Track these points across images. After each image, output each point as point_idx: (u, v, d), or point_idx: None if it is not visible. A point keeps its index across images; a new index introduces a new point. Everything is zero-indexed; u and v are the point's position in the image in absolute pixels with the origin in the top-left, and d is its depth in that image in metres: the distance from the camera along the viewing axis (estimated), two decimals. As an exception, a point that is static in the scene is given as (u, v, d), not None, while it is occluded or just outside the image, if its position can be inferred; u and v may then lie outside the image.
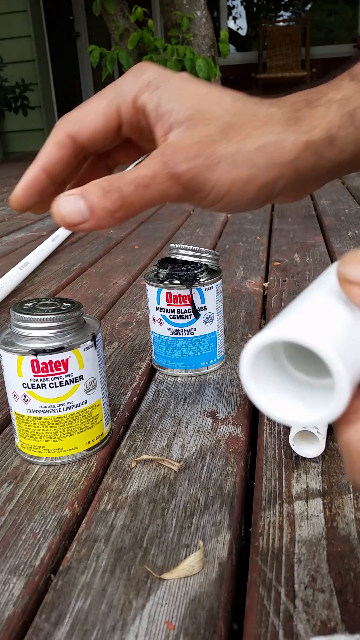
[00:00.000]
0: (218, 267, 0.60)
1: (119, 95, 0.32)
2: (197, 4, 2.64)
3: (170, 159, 0.30)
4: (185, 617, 0.30)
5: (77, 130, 0.32)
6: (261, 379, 0.21)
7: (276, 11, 5.40)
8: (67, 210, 0.30)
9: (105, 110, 0.32)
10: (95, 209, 0.30)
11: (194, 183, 0.30)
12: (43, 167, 0.33)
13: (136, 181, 0.30)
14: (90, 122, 0.32)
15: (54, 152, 0.33)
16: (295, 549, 0.35)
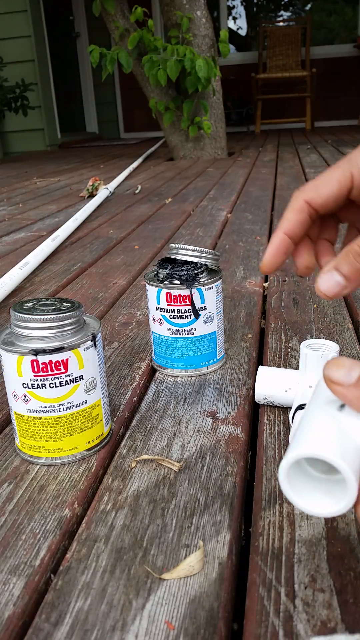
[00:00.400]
0: (218, 267, 0.60)
1: (353, 165, 0.37)
2: (197, 4, 2.64)
3: None
4: (185, 617, 0.30)
5: (312, 197, 0.38)
6: (294, 485, 0.27)
7: (276, 11, 5.40)
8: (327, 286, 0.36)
9: (339, 177, 0.37)
10: (350, 275, 0.36)
11: None
12: (287, 232, 0.39)
13: None
14: (327, 187, 0.37)
15: (293, 217, 0.38)
16: (295, 549, 0.35)
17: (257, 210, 1.48)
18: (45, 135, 4.69)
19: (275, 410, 0.51)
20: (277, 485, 0.41)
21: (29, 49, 4.43)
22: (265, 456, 0.44)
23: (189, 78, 2.54)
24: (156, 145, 3.81)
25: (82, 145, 4.93)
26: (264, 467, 0.43)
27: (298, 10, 5.28)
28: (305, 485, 0.28)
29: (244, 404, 0.53)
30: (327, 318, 0.72)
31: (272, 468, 0.43)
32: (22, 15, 4.34)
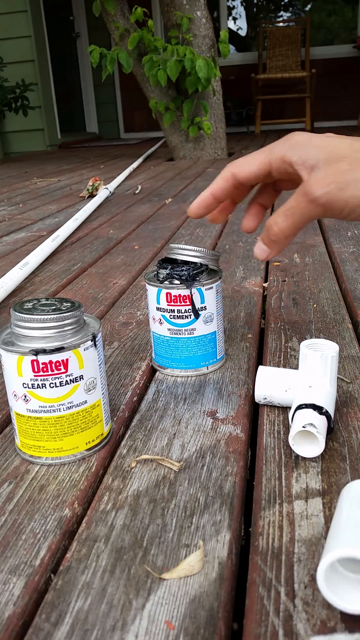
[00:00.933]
0: (218, 267, 0.60)
1: (272, 153, 0.47)
2: (197, 4, 2.64)
3: (309, 189, 0.43)
4: (185, 616, 0.31)
5: (238, 172, 0.49)
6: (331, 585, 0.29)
7: (276, 11, 5.40)
8: (258, 253, 0.50)
9: (259, 162, 0.47)
10: (268, 244, 0.48)
11: (330, 203, 0.42)
12: (212, 193, 0.51)
13: (285, 212, 0.45)
14: (248, 167, 0.48)
15: (220, 183, 0.50)
16: (295, 548, 0.35)
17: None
18: (45, 135, 4.69)
19: (275, 410, 0.51)
20: (276, 484, 0.41)
21: (29, 49, 4.43)
22: (265, 456, 0.44)
23: (189, 78, 2.54)
24: (156, 145, 3.81)
25: (82, 145, 4.93)
26: (263, 467, 0.43)
27: (298, 10, 5.28)
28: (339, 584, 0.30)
29: (244, 403, 0.53)
30: (327, 318, 0.72)
31: (272, 468, 0.43)
32: (22, 15, 4.34)
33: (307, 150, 0.44)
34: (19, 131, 4.71)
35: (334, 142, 0.44)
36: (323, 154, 0.43)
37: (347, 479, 0.41)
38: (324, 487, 0.40)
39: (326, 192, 0.42)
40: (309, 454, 0.43)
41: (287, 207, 0.45)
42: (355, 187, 0.41)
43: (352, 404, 0.51)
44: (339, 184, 0.42)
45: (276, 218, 0.46)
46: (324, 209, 0.43)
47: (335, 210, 0.43)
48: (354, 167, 0.42)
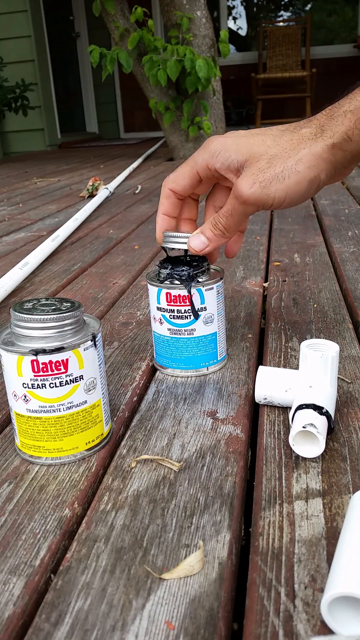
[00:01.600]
0: (220, 268, 0.60)
1: (195, 163, 0.51)
2: (197, 4, 2.64)
3: (238, 193, 0.47)
4: (185, 617, 0.31)
5: (174, 187, 0.54)
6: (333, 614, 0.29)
7: (276, 11, 5.40)
8: (195, 244, 0.53)
9: (188, 174, 0.52)
10: (211, 237, 0.53)
11: (259, 200, 0.47)
12: (164, 213, 0.56)
13: (225, 213, 0.50)
14: (181, 181, 0.53)
15: (165, 202, 0.55)
16: (295, 548, 0.35)
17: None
18: (45, 135, 4.69)
19: (275, 410, 0.51)
20: (277, 485, 0.41)
21: (29, 49, 4.43)
22: (265, 456, 0.44)
23: (189, 78, 2.54)
24: (156, 145, 3.81)
25: (82, 145, 4.93)
26: (264, 467, 0.43)
27: (298, 10, 5.28)
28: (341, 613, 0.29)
29: (244, 404, 0.53)
30: (327, 318, 0.72)
31: (272, 468, 0.43)
32: (22, 15, 4.34)
33: (225, 156, 0.48)
34: (19, 131, 4.71)
35: (248, 142, 0.48)
36: (241, 156, 0.48)
37: (348, 479, 0.41)
38: (325, 488, 0.40)
39: (252, 192, 0.47)
40: (309, 454, 0.43)
41: (225, 209, 0.50)
42: (277, 183, 0.46)
43: (352, 404, 0.51)
44: (261, 182, 0.46)
45: (219, 217, 0.51)
46: (257, 206, 0.48)
47: (266, 204, 0.48)
48: (271, 164, 0.46)
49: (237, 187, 0.47)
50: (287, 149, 0.46)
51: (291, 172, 0.46)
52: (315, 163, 0.46)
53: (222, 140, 0.50)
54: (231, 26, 5.31)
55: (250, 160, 0.47)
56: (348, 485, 0.40)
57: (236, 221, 0.51)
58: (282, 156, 0.46)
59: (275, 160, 0.46)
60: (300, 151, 0.46)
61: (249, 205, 0.48)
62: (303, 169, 0.46)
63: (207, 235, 0.53)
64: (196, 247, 0.53)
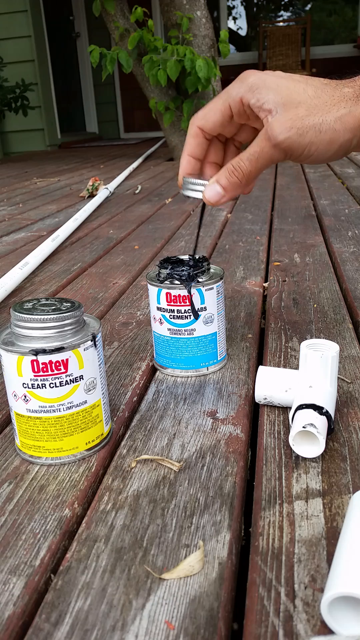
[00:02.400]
0: (221, 269, 0.60)
1: (229, 96, 0.47)
2: (197, 4, 2.64)
3: (272, 134, 0.44)
4: (185, 617, 0.30)
5: (203, 124, 0.50)
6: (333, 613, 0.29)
7: (276, 11, 5.39)
8: (210, 195, 0.49)
9: (220, 107, 0.48)
10: (227, 186, 0.48)
11: (291, 147, 0.44)
12: (190, 154, 0.52)
13: (250, 157, 0.47)
14: (211, 117, 0.49)
15: (192, 141, 0.51)
16: (295, 549, 0.35)
17: (257, 210, 1.48)
18: (45, 135, 4.69)
19: (275, 410, 0.51)
20: (277, 485, 0.41)
21: (29, 49, 4.43)
22: (265, 456, 0.44)
23: (189, 78, 2.54)
24: (156, 145, 3.81)
25: (82, 145, 4.93)
26: (264, 467, 0.43)
27: (298, 10, 5.28)
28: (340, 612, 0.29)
29: (244, 404, 0.53)
30: (327, 318, 0.72)
31: (272, 468, 0.43)
32: (22, 15, 4.34)
33: (263, 93, 0.45)
34: (19, 131, 4.71)
35: (289, 85, 0.45)
36: (280, 98, 0.44)
37: (348, 479, 0.41)
38: (325, 488, 0.40)
39: (288, 137, 0.44)
40: (309, 454, 0.43)
41: (250, 151, 0.46)
42: (313, 134, 0.44)
43: (352, 404, 0.51)
44: (299, 129, 0.44)
45: (240, 162, 0.47)
46: (285, 154, 0.45)
47: (294, 154, 0.45)
48: (310, 113, 0.44)
49: (273, 127, 0.44)
50: (327, 104, 0.44)
51: (328, 127, 0.43)
52: (352, 126, 0.43)
53: (262, 75, 0.46)
54: (231, 26, 5.31)
55: (288, 105, 0.44)
56: (348, 485, 0.40)
57: (260, 167, 0.47)
58: (322, 109, 0.44)
59: (315, 110, 0.44)
60: (341, 109, 0.43)
61: (279, 151, 0.45)
62: (340, 129, 0.44)
63: (223, 184, 0.48)
64: (211, 198, 0.49)
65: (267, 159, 0.46)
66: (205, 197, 0.49)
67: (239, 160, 0.47)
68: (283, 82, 0.45)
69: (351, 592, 0.28)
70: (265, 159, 0.46)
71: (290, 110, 0.44)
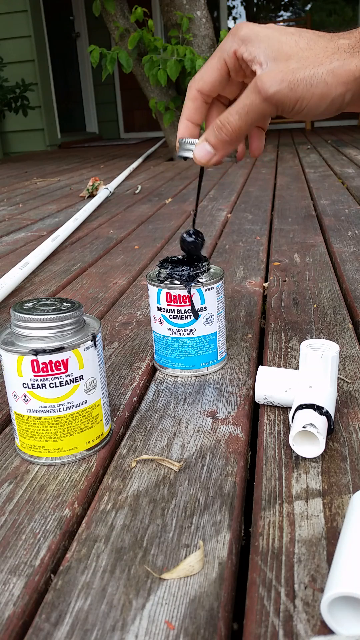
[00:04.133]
0: (221, 269, 0.60)
1: (223, 51, 0.46)
2: (197, 4, 2.64)
3: (262, 87, 0.42)
4: (185, 617, 0.31)
5: (201, 86, 0.48)
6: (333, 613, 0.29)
7: (276, 11, 5.40)
8: (200, 155, 0.47)
9: (216, 65, 0.46)
10: (216, 144, 0.46)
11: (282, 101, 0.42)
12: (188, 119, 0.49)
13: (239, 111, 0.44)
14: (208, 76, 0.47)
15: (191, 105, 0.49)
16: (295, 548, 0.35)
17: (257, 210, 1.48)
18: (45, 135, 4.69)
19: (275, 410, 0.51)
20: (277, 485, 0.41)
21: (29, 49, 4.43)
22: (265, 456, 0.44)
23: (189, 78, 2.54)
24: (156, 145, 3.81)
25: (82, 145, 4.93)
26: (264, 467, 0.43)
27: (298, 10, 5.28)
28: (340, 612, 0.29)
29: (244, 404, 0.53)
30: (327, 318, 0.72)
31: (272, 468, 0.43)
32: (22, 15, 4.34)
33: (255, 45, 0.44)
34: (19, 131, 4.71)
35: (280, 38, 0.43)
36: (271, 51, 0.43)
37: (348, 479, 0.41)
38: (325, 488, 0.40)
39: (278, 90, 0.42)
40: (309, 454, 0.43)
41: (239, 105, 0.44)
42: (305, 87, 0.42)
43: (352, 404, 0.51)
44: (290, 82, 0.42)
45: (228, 117, 0.45)
46: (276, 107, 0.43)
47: (286, 108, 0.43)
48: (302, 66, 0.42)
49: (263, 80, 0.42)
50: (319, 56, 0.42)
51: (320, 80, 0.41)
52: (346, 79, 0.41)
53: (254, 27, 0.44)
54: (231, 26, 5.31)
55: (278, 58, 0.42)
56: (348, 485, 0.40)
57: (250, 122, 0.44)
58: (315, 61, 0.42)
59: (307, 62, 0.42)
60: (334, 62, 0.41)
61: (269, 104, 0.43)
62: (332, 82, 0.41)
63: (212, 142, 0.46)
64: (201, 158, 0.47)
65: (258, 113, 0.44)
66: (195, 157, 0.47)
67: (227, 115, 0.45)
68: (275, 35, 0.44)
69: (351, 592, 0.28)
70: (256, 112, 0.44)
71: (280, 62, 0.42)
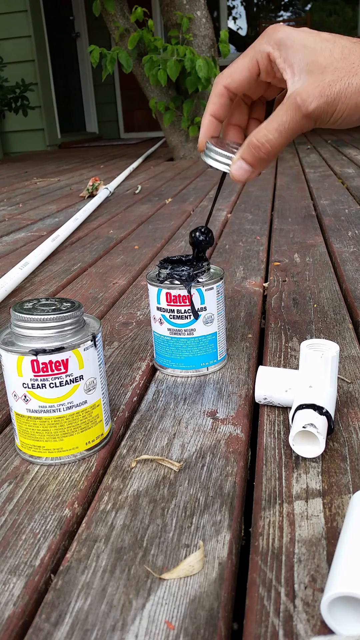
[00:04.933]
0: (221, 269, 0.60)
1: (257, 52, 0.45)
2: (197, 4, 2.64)
3: (303, 104, 0.42)
4: (185, 617, 0.31)
5: (229, 83, 0.47)
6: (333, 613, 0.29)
7: (276, 11, 5.40)
8: (238, 174, 0.47)
9: (247, 64, 0.46)
10: (254, 163, 0.46)
11: (321, 116, 0.43)
12: (212, 114, 0.49)
13: (279, 128, 0.44)
14: (238, 74, 0.47)
15: (216, 101, 0.48)
16: (295, 549, 0.35)
17: (257, 210, 1.48)
18: (45, 135, 4.69)
19: (275, 410, 0.51)
20: (277, 485, 0.41)
21: (29, 49, 4.43)
22: (265, 456, 0.44)
23: (189, 78, 2.54)
24: (156, 145, 3.81)
25: (82, 145, 4.93)
26: (264, 467, 0.43)
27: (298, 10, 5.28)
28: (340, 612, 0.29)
29: (244, 404, 0.53)
30: (327, 318, 0.72)
31: (272, 468, 0.43)
32: (22, 15, 4.34)
33: (290, 52, 0.43)
34: (19, 131, 4.71)
35: (316, 47, 0.43)
36: (305, 63, 0.43)
37: (348, 479, 0.41)
38: (325, 488, 0.40)
39: (317, 105, 0.42)
40: (309, 454, 0.43)
41: (279, 122, 0.44)
42: (342, 101, 0.42)
43: (352, 404, 0.51)
44: (327, 97, 0.42)
45: (267, 135, 0.45)
46: (315, 122, 0.44)
47: (322, 122, 0.44)
48: (337, 78, 0.42)
49: (303, 97, 0.42)
50: (355, 65, 0.42)
51: (354, 90, 0.42)
52: None
53: (290, 32, 0.44)
54: (231, 26, 5.31)
55: (314, 70, 0.42)
56: (348, 485, 0.40)
57: (289, 138, 0.45)
58: (350, 71, 0.42)
59: (342, 74, 0.42)
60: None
61: (309, 120, 0.43)
62: None
63: (250, 161, 0.46)
64: (240, 177, 0.47)
65: (297, 129, 0.44)
66: (234, 176, 0.48)
67: (266, 133, 0.45)
68: (310, 43, 0.43)
69: (351, 592, 0.28)
70: (295, 129, 0.44)
71: (316, 75, 0.42)
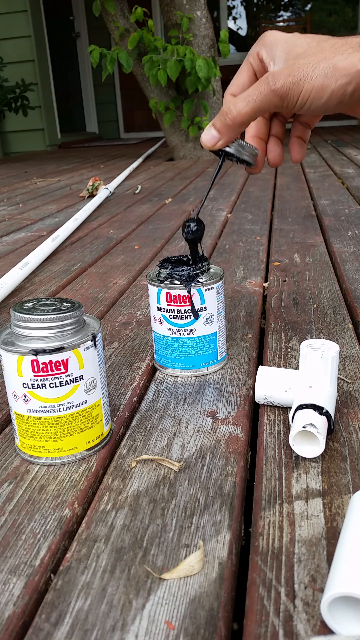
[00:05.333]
0: (221, 268, 0.60)
1: (250, 55, 0.50)
2: (197, 4, 2.64)
3: (271, 80, 0.46)
4: (185, 617, 0.31)
5: (234, 90, 0.52)
6: (333, 613, 0.29)
7: (276, 11, 5.40)
8: (206, 138, 0.50)
9: (245, 68, 0.51)
10: (221, 129, 0.49)
11: (286, 93, 0.46)
12: None
13: (247, 99, 0.47)
14: (239, 80, 0.51)
15: None
16: (295, 549, 0.35)
17: (257, 210, 1.48)
18: (45, 135, 4.69)
19: (275, 410, 0.51)
20: (277, 485, 0.41)
21: (29, 49, 4.43)
22: (265, 456, 0.44)
23: (189, 78, 2.54)
24: (156, 145, 3.81)
25: (82, 145, 4.93)
26: (264, 467, 0.43)
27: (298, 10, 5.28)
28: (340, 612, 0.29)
29: (244, 404, 0.53)
30: (327, 318, 0.72)
31: (272, 468, 0.43)
32: (22, 15, 4.34)
33: (274, 47, 0.48)
34: (19, 131, 4.71)
35: (296, 41, 0.48)
36: (284, 53, 0.47)
37: (348, 479, 0.41)
38: (325, 488, 0.40)
39: (284, 83, 0.45)
40: (309, 454, 0.43)
41: (247, 93, 0.47)
42: (308, 81, 0.45)
43: (352, 404, 0.51)
44: (294, 77, 0.45)
45: (237, 103, 0.48)
46: (281, 100, 0.46)
47: (290, 101, 0.46)
48: (307, 62, 0.45)
49: (273, 75, 0.46)
50: (326, 51, 0.45)
51: (319, 74, 0.44)
52: (348, 71, 0.43)
53: (277, 34, 0.49)
54: (231, 26, 5.31)
55: (288, 58, 0.46)
56: (348, 485, 0.40)
57: (256, 110, 0.48)
58: (319, 57, 0.45)
59: (312, 58, 0.45)
60: (337, 56, 0.44)
61: (275, 96, 0.46)
62: (332, 74, 0.44)
63: (217, 127, 0.50)
64: (207, 141, 0.51)
65: (264, 103, 0.47)
66: (202, 141, 0.51)
67: (235, 101, 0.48)
68: (292, 39, 0.48)
69: (351, 592, 0.28)
70: (263, 102, 0.47)
71: (290, 61, 0.46)
